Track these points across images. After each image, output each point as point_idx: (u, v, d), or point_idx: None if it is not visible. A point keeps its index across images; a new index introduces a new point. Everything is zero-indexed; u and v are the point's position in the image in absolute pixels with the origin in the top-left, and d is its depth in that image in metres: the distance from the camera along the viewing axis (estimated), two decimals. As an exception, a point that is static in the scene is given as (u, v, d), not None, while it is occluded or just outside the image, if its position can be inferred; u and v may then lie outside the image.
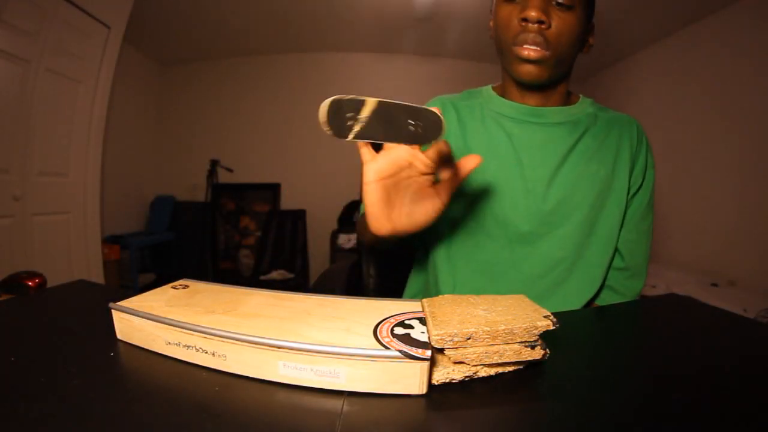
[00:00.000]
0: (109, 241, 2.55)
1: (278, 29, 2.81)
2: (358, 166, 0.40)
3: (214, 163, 2.99)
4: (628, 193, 0.62)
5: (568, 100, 0.64)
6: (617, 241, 0.63)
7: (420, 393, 0.27)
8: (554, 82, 0.59)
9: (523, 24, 0.53)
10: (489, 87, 0.67)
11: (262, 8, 2.49)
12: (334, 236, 2.94)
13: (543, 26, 0.52)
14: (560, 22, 0.53)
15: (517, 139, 0.60)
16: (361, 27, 2.78)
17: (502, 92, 0.64)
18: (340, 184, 3.11)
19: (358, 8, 2.52)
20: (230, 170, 3.04)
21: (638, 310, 0.55)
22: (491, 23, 0.62)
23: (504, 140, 0.60)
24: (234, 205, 3.25)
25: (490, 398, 0.29)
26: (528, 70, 0.55)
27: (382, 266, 0.88)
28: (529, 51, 0.53)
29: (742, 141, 2.07)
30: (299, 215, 3.14)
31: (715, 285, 1.95)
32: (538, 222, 0.59)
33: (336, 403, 0.26)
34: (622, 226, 0.63)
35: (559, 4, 0.53)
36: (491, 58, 0.66)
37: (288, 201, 3.23)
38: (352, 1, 2.44)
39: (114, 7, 2.09)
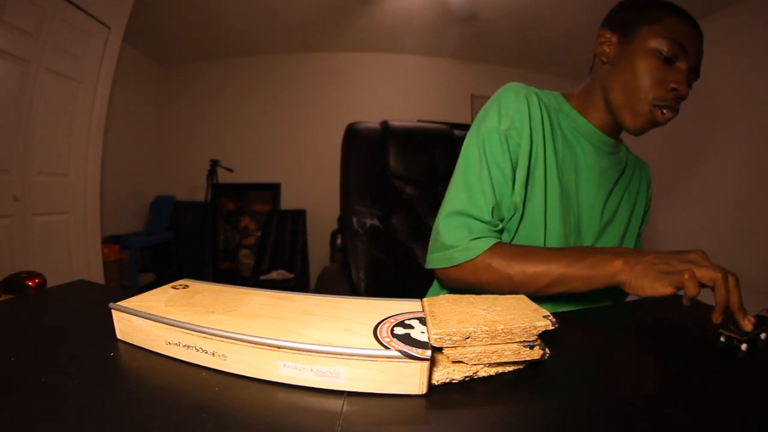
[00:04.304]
0: (109, 241, 2.55)
1: (278, 29, 2.81)
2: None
3: (214, 163, 2.98)
4: (641, 220, 0.75)
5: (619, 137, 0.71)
6: None
7: (420, 393, 0.27)
8: None
9: (672, 92, 0.57)
10: (560, 95, 0.68)
11: (262, 8, 2.49)
12: (334, 236, 2.94)
13: (682, 100, 0.58)
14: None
15: (592, 159, 0.66)
16: (361, 27, 2.78)
17: (579, 108, 0.66)
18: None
19: (357, 8, 2.52)
20: (230, 170, 3.04)
21: (638, 309, 0.55)
22: (607, 39, 0.62)
23: (583, 158, 0.66)
24: (234, 205, 3.25)
25: (490, 398, 0.29)
26: (646, 128, 0.60)
27: (371, 269, 0.88)
28: (664, 118, 0.58)
29: (742, 140, 2.07)
30: (299, 215, 3.14)
31: (715, 285, 1.95)
32: (595, 235, 0.67)
33: (336, 403, 0.26)
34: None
35: (688, 83, 0.58)
36: (483, 58, 0.66)
37: (288, 201, 3.22)
38: (351, 0, 2.44)
39: (114, 7, 2.08)
